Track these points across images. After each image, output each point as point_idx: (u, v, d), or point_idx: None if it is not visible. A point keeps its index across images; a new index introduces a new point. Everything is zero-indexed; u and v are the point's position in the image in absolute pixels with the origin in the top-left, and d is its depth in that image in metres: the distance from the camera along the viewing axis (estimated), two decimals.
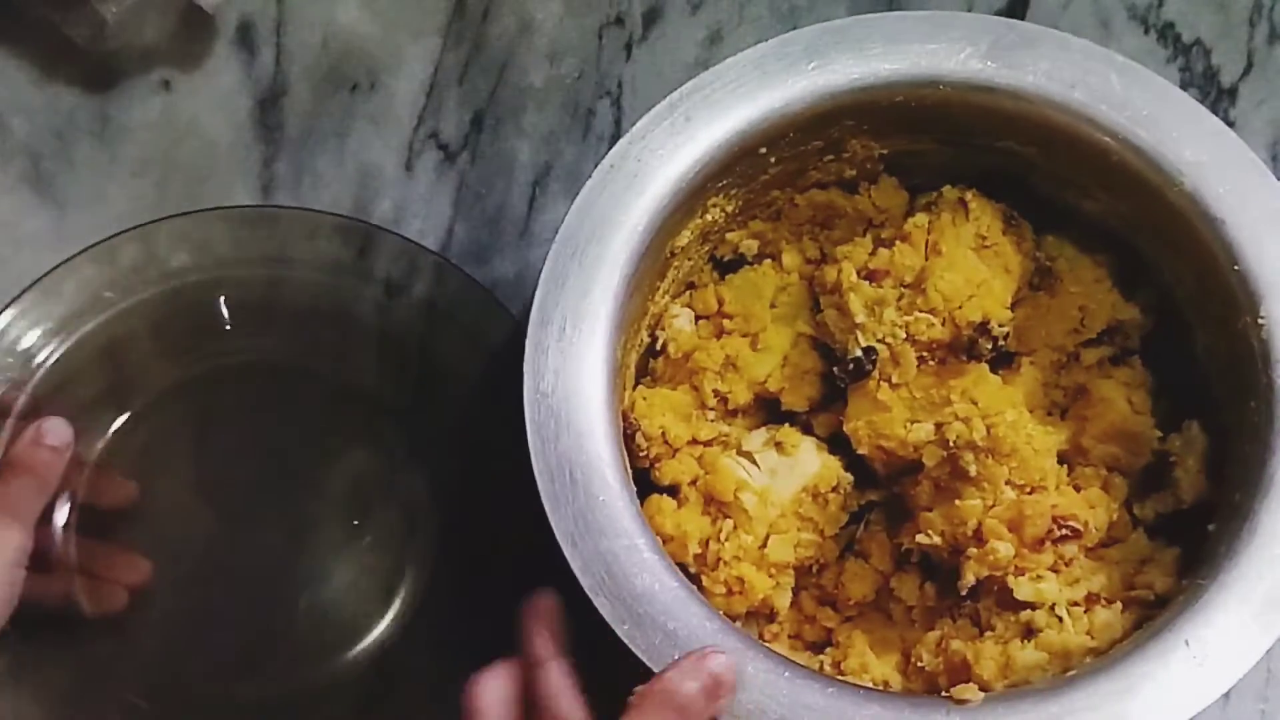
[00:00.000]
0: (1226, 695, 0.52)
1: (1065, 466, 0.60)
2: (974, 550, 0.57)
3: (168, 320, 0.66)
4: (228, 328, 0.67)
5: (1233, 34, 0.72)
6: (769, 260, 0.64)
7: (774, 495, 0.59)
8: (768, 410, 0.63)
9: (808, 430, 0.62)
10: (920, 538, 0.59)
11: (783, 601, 0.60)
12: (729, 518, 0.59)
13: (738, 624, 0.58)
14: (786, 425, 0.62)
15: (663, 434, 0.60)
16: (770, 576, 0.59)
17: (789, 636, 0.61)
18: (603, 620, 0.52)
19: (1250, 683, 0.63)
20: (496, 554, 0.63)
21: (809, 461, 0.61)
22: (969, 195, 0.61)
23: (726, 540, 0.59)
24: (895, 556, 0.61)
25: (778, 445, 0.61)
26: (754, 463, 0.60)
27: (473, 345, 0.65)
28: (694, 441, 0.61)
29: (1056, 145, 0.58)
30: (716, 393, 0.61)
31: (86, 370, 0.65)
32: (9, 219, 0.70)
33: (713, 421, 0.62)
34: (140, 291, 0.66)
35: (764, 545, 0.59)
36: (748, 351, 0.61)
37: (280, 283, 0.67)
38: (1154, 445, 0.60)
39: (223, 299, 0.67)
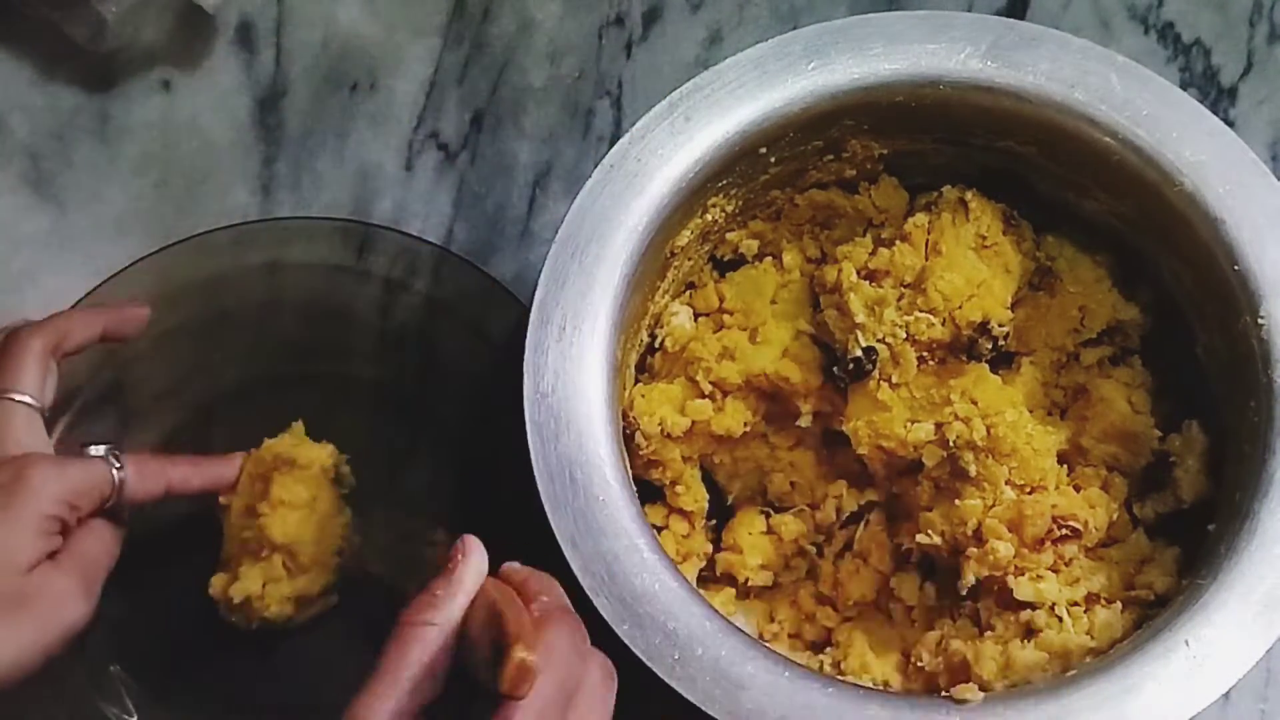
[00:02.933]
0: (1226, 695, 0.52)
1: (1065, 467, 0.60)
2: (974, 550, 0.57)
3: (170, 327, 0.66)
4: (228, 331, 0.67)
5: (1232, 34, 0.72)
6: (770, 258, 0.64)
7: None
8: (764, 398, 0.62)
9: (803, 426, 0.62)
10: (920, 538, 0.59)
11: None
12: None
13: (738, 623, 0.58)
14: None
15: (661, 428, 0.60)
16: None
17: (789, 636, 0.61)
18: (603, 619, 0.52)
19: (1250, 683, 0.63)
20: (497, 553, 0.63)
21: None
22: (969, 195, 0.61)
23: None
24: (895, 556, 0.61)
25: None
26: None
27: (476, 336, 0.65)
28: (689, 433, 0.61)
29: (1057, 145, 0.58)
30: (713, 383, 0.61)
31: (88, 371, 0.65)
32: (9, 218, 0.70)
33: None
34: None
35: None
36: (746, 344, 0.61)
37: (280, 284, 0.67)
38: (1154, 445, 0.60)
39: (223, 303, 0.67)
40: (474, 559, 0.48)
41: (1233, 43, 0.72)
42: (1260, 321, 0.55)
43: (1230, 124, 0.60)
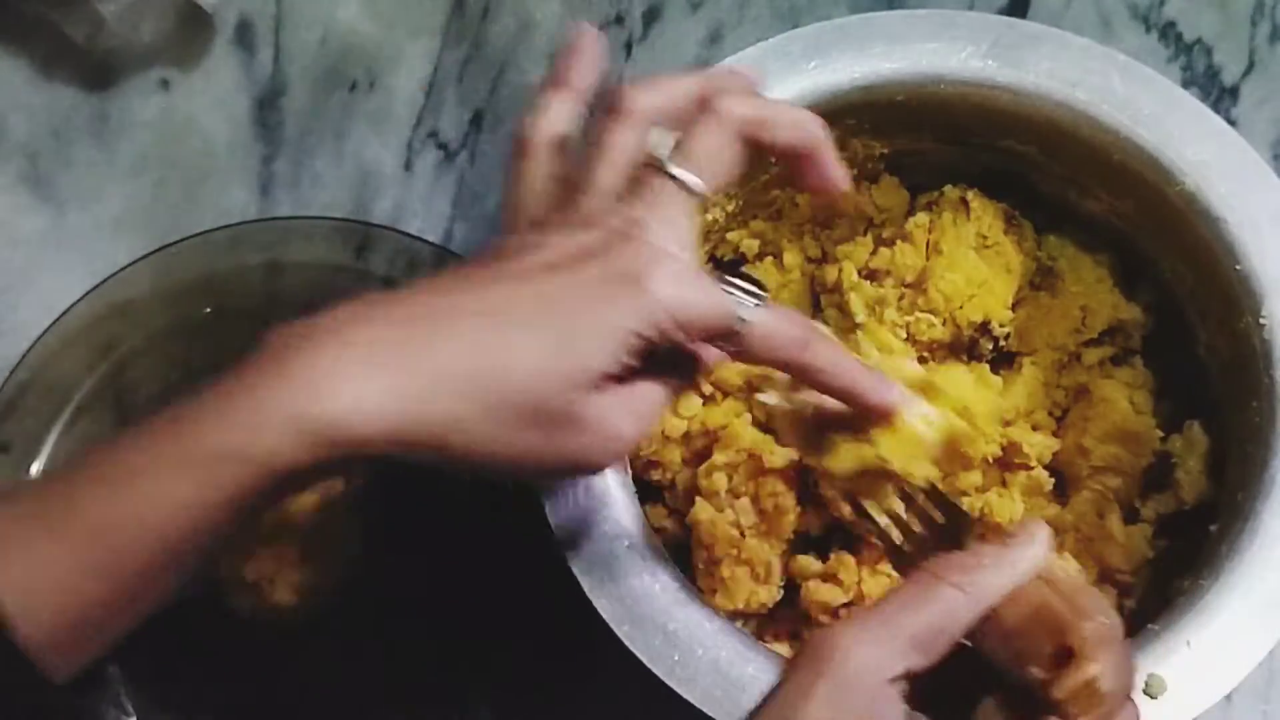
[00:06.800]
0: (1228, 696, 0.52)
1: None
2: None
3: (168, 326, 0.66)
4: (227, 331, 0.67)
5: (1234, 33, 0.72)
6: (770, 258, 0.63)
7: None
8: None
9: None
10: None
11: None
12: None
13: (739, 623, 0.58)
14: None
15: (661, 429, 0.60)
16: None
17: (788, 637, 0.61)
18: (603, 619, 0.52)
19: (1252, 684, 0.63)
20: (497, 553, 0.63)
21: None
22: (970, 195, 0.61)
23: None
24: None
25: None
26: None
27: None
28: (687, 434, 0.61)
29: (1058, 144, 0.58)
30: (713, 383, 0.61)
31: (86, 370, 0.65)
32: (7, 218, 0.70)
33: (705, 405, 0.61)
34: (146, 310, 0.66)
35: None
36: None
37: (279, 284, 0.67)
38: (1155, 446, 0.60)
39: (222, 303, 0.66)
40: (1036, 548, 0.44)
41: (1234, 42, 0.72)
42: (1262, 321, 0.55)
43: (1232, 123, 0.60)
